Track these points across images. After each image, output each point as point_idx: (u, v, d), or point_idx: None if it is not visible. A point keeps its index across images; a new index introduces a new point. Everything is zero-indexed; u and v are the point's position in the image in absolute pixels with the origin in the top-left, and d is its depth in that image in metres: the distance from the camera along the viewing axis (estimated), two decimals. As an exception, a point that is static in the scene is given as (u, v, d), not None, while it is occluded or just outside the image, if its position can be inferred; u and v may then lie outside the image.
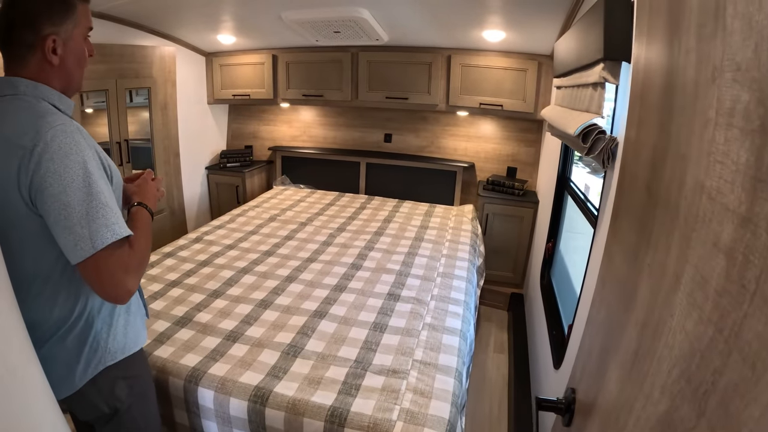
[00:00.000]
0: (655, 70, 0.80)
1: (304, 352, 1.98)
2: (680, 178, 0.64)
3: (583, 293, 1.85)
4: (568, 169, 2.93)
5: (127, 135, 3.44)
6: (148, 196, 1.44)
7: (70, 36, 1.21)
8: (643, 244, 0.76)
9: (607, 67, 1.59)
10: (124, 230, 1.15)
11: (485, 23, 3.08)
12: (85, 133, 1.18)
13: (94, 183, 1.11)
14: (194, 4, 3.12)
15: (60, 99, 1.22)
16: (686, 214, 0.61)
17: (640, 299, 0.75)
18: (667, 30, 0.74)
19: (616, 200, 0.99)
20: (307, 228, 3.48)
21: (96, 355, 1.29)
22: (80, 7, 1.22)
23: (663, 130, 0.73)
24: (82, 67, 1.29)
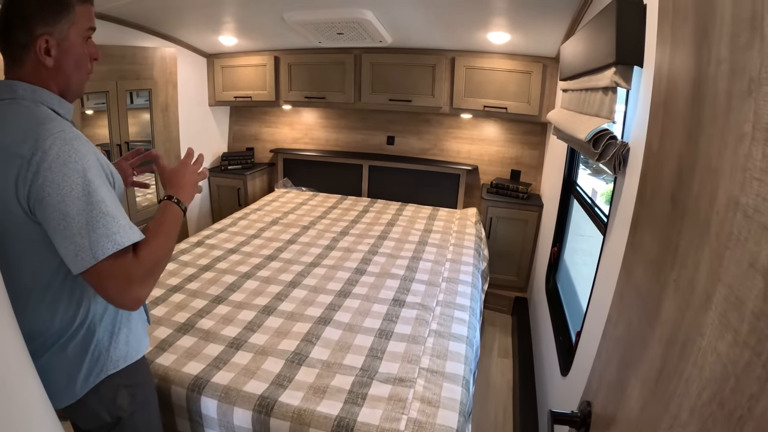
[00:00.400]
0: (680, 79, 0.78)
1: (308, 360, 1.96)
2: (711, 193, 0.62)
3: (592, 300, 1.82)
4: (574, 173, 2.90)
5: (127, 137, 3.41)
6: (184, 186, 1.37)
7: (65, 36, 1.16)
8: (669, 258, 0.74)
9: (619, 72, 1.56)
10: (126, 239, 1.10)
11: (490, 25, 3.06)
12: (85, 140, 1.14)
13: (95, 191, 1.07)
14: (195, 5, 3.09)
15: (60, 103, 1.19)
16: (718, 230, 0.58)
17: (664, 315, 0.73)
18: (694, 38, 0.72)
19: (636, 210, 0.96)
20: (309, 232, 3.45)
21: (98, 364, 1.27)
22: (78, 7, 1.18)
23: (690, 141, 0.70)
24: (82, 69, 1.24)
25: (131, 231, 1.13)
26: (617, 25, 1.52)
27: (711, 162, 0.63)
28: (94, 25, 1.25)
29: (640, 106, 1.50)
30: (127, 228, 1.12)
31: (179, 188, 1.35)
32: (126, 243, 1.10)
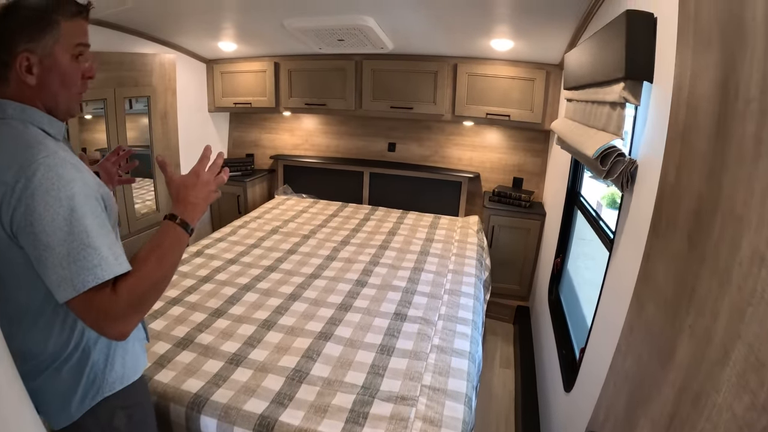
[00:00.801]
0: (701, 110, 0.74)
1: (309, 378, 1.92)
2: (733, 241, 0.59)
3: (597, 317, 1.79)
4: (578, 184, 2.87)
5: (126, 144, 3.38)
6: (194, 203, 1.24)
7: (49, 53, 1.11)
8: (684, 301, 0.71)
9: (628, 87, 1.51)
10: (108, 272, 1.04)
11: (493, 32, 3.03)
12: (73, 164, 1.08)
13: (77, 221, 1.02)
14: (195, 12, 3.06)
15: (50, 123, 1.15)
16: (741, 284, 0.55)
17: (678, 360, 0.70)
18: (720, 69, 0.68)
19: (649, 241, 0.93)
20: (310, 241, 3.42)
21: (93, 387, 1.24)
22: (65, 22, 1.13)
23: (712, 181, 0.67)
24: (70, 88, 1.18)
25: (115, 263, 1.07)
26: (627, 38, 1.47)
27: (735, 208, 0.60)
28: (85, 41, 1.19)
29: (650, 123, 1.46)
30: (110, 260, 1.06)
31: (187, 205, 1.23)
32: (107, 277, 1.04)
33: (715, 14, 0.71)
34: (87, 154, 1.84)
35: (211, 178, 1.28)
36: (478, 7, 2.61)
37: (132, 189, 3.53)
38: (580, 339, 2.24)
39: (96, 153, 3.45)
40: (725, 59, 0.67)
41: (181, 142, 4.03)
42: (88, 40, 1.20)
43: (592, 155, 1.66)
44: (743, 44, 0.62)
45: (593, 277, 1.84)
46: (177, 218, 1.20)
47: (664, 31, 1.36)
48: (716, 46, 0.71)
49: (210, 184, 1.28)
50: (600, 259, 1.99)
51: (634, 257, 1.17)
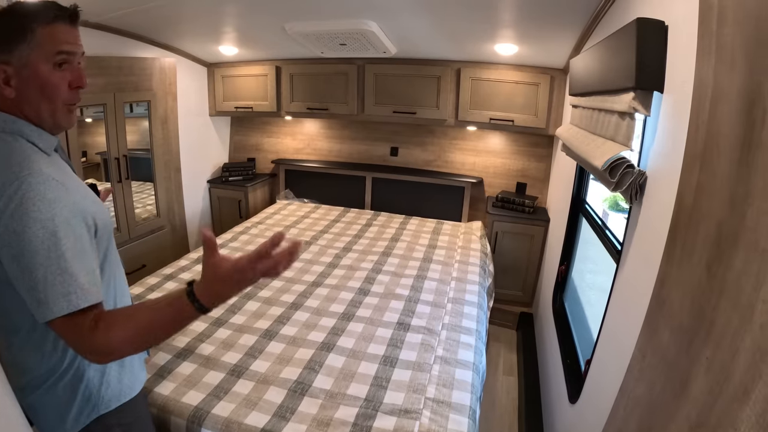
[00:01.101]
0: (722, 134, 0.71)
1: (311, 390, 1.89)
2: (758, 276, 0.56)
3: (603, 330, 1.77)
4: (583, 192, 2.84)
5: (125, 150, 3.36)
6: (224, 293, 1.06)
7: (26, 63, 1.04)
8: (701, 333, 0.68)
9: (638, 97, 1.48)
10: (83, 301, 1.00)
11: (497, 37, 3.00)
12: (58, 183, 1.03)
13: (55, 245, 0.98)
14: (195, 15, 3.04)
15: (39, 136, 1.10)
16: (763, 321, 0.53)
17: (693, 393, 0.67)
18: (745, 90, 0.65)
19: (663, 266, 0.90)
20: (311, 248, 3.39)
21: (89, 404, 1.22)
22: (41, 29, 1.05)
23: (735, 210, 0.64)
24: (53, 99, 1.10)
25: (91, 291, 1.03)
26: (637, 47, 1.44)
27: (759, 241, 0.57)
28: (66, 49, 1.09)
29: (660, 134, 1.43)
30: (86, 287, 1.02)
31: (215, 294, 1.04)
32: (82, 305, 1.00)
33: (740, 32, 0.68)
34: (96, 183, 1.81)
35: (257, 275, 1.03)
36: (482, 13, 2.59)
37: (132, 193, 3.51)
38: (586, 349, 2.21)
39: (97, 157, 3.44)
40: (752, 83, 0.64)
41: (182, 146, 4.01)
42: (74, 46, 1.12)
43: (600, 167, 1.63)
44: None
45: (598, 280, 1.81)
46: (196, 299, 1.03)
47: (675, 40, 1.32)
48: (741, 68, 0.68)
49: (250, 280, 1.04)
50: (605, 265, 1.96)
51: (644, 274, 1.14)
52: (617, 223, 1.77)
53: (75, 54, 1.12)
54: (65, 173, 1.13)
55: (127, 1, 2.61)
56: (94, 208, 1.15)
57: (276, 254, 1.01)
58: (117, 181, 3.32)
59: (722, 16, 0.76)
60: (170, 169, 3.89)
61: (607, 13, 2.20)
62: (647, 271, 1.01)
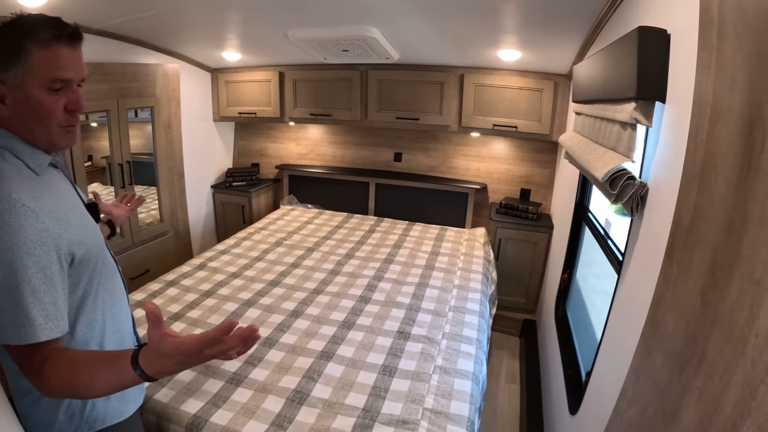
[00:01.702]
0: (720, 155, 0.70)
1: (309, 399, 1.89)
2: (751, 309, 0.54)
3: (604, 341, 1.75)
4: (586, 199, 2.82)
5: (129, 156, 3.37)
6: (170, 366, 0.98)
7: (20, 85, 1.01)
8: (693, 361, 0.67)
9: (640, 108, 1.45)
10: (32, 336, 0.97)
11: (500, 43, 2.99)
12: (33, 206, 1.00)
13: (12, 275, 0.95)
14: (198, 22, 3.05)
15: (31, 156, 1.08)
16: (755, 357, 0.51)
17: (684, 422, 0.66)
18: (745, 111, 0.63)
19: (659, 289, 0.89)
20: (314, 254, 3.39)
21: (71, 424, 1.19)
22: (37, 52, 1.01)
23: (731, 237, 0.63)
24: (46, 123, 1.07)
25: (44, 327, 0.99)
26: (639, 57, 1.41)
27: (754, 271, 0.55)
28: (62, 76, 1.06)
29: (662, 145, 1.41)
30: (38, 323, 0.98)
31: (158, 367, 0.98)
32: (30, 341, 0.97)
33: (741, 47, 0.66)
34: (99, 197, 1.83)
35: (204, 357, 0.98)
36: (485, 18, 2.58)
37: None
38: (587, 360, 2.19)
39: (102, 161, 3.45)
40: (752, 103, 0.63)
41: (185, 151, 4.02)
42: (71, 72, 1.08)
43: (601, 179, 1.61)
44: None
45: (604, 285, 1.79)
46: (141, 373, 0.98)
47: (678, 49, 1.30)
48: (741, 86, 0.66)
49: (197, 361, 0.98)
50: (609, 269, 1.94)
51: (643, 290, 1.12)
52: (624, 228, 1.75)
53: (72, 80, 1.09)
54: (50, 194, 1.09)
55: (129, 8, 2.62)
56: (75, 236, 1.10)
57: (228, 339, 0.96)
58: (120, 186, 3.33)
59: (722, 30, 0.74)
60: (174, 175, 3.90)
61: (610, 20, 2.19)
62: (646, 287, 1.00)
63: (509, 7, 2.41)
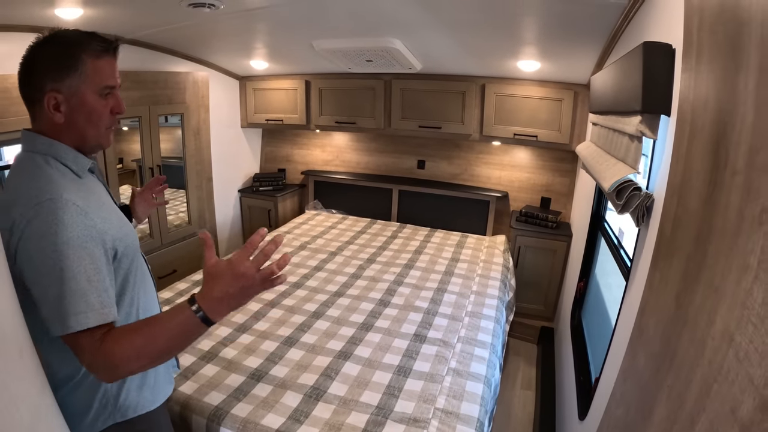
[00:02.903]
0: (695, 171, 0.75)
1: (326, 396, 1.97)
2: (710, 313, 0.60)
3: (611, 349, 1.78)
4: (602, 209, 2.85)
5: (159, 160, 3.51)
6: (219, 297, 1.04)
7: (75, 92, 1.13)
8: (667, 360, 0.72)
9: (645, 121, 1.50)
10: (92, 320, 1.04)
11: (520, 54, 3.04)
12: (81, 204, 1.09)
13: (68, 267, 1.03)
14: (226, 33, 3.17)
15: (75, 160, 1.18)
16: (711, 358, 0.57)
17: (656, 418, 0.72)
18: (714, 136, 0.69)
19: (645, 294, 0.94)
20: (336, 258, 3.48)
21: (105, 411, 1.26)
22: (91, 62, 1.14)
23: (699, 246, 0.69)
24: (98, 125, 1.20)
25: (101, 312, 1.06)
26: (644, 71, 1.45)
27: (714, 279, 0.61)
28: (111, 83, 1.20)
29: (666, 157, 1.45)
30: (96, 307, 1.05)
31: (212, 299, 1.05)
32: (91, 324, 1.04)
33: (713, 69, 0.71)
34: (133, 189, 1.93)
35: (252, 270, 1.04)
36: (504, 31, 2.64)
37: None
38: (598, 367, 2.22)
39: (133, 164, 3.58)
40: (719, 122, 0.68)
41: (213, 156, 4.15)
42: (115, 80, 1.22)
43: (607, 189, 1.66)
44: (734, 111, 0.63)
45: (614, 295, 1.82)
46: (197, 308, 1.04)
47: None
48: (712, 105, 0.72)
49: (248, 277, 1.04)
50: (619, 282, 1.98)
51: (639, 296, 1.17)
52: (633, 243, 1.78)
53: (117, 86, 1.23)
54: (93, 196, 1.19)
55: (161, 20, 2.74)
56: (117, 232, 1.19)
57: (262, 245, 1.08)
58: (151, 189, 3.46)
59: (699, 51, 0.79)
60: (202, 179, 4.03)
61: (624, 33, 2.23)
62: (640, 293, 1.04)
63: (528, 20, 2.47)
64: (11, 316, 0.85)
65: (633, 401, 0.85)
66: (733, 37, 0.63)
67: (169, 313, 1.07)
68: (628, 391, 0.91)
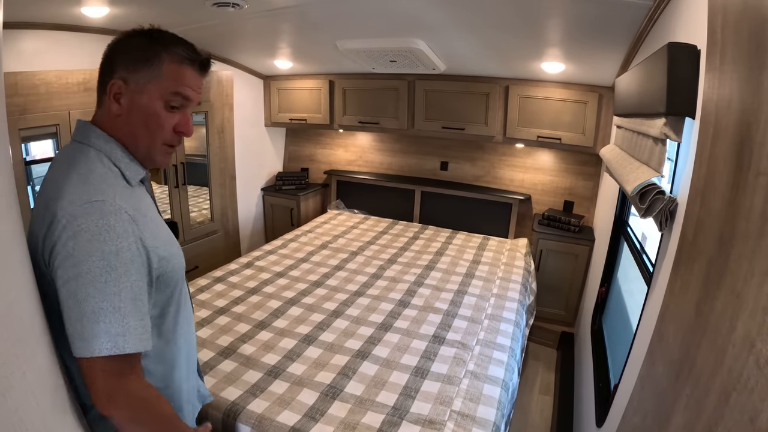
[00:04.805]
0: (719, 172, 0.73)
1: (342, 395, 1.97)
2: (731, 319, 0.58)
3: (631, 356, 1.75)
4: (626, 213, 2.81)
5: (183, 158, 3.56)
6: None
7: (141, 89, 1.03)
8: (685, 369, 0.71)
9: (670, 123, 1.47)
10: (130, 345, 0.94)
11: (544, 55, 3.02)
12: (129, 217, 0.98)
13: (113, 281, 0.92)
14: (250, 32, 3.21)
15: (128, 166, 1.07)
16: (731, 365, 0.56)
17: (674, 427, 0.70)
18: (738, 136, 0.67)
19: (666, 299, 0.92)
20: (357, 258, 3.49)
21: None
22: (168, 64, 1.05)
23: (722, 251, 0.67)
24: (154, 133, 1.08)
25: (140, 338, 0.96)
26: (668, 72, 1.42)
27: (736, 284, 0.59)
28: (184, 92, 1.09)
29: (690, 160, 1.42)
30: (138, 332, 0.96)
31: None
32: (128, 350, 0.93)
33: (736, 70, 0.70)
34: None
35: None
36: (527, 32, 2.63)
37: (189, 197, 3.71)
38: (618, 373, 2.19)
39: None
40: (742, 124, 0.66)
41: (237, 154, 4.19)
42: (193, 93, 1.11)
43: (630, 192, 1.63)
44: (759, 110, 0.61)
45: (636, 300, 1.79)
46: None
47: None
48: (735, 107, 0.70)
49: None
50: (641, 288, 1.95)
51: (660, 302, 1.15)
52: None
53: (191, 100, 1.11)
54: (143, 208, 1.07)
55: (186, 19, 2.77)
56: (164, 252, 1.08)
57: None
58: (174, 187, 3.51)
59: (723, 50, 0.77)
60: (225, 176, 4.07)
61: (649, 34, 2.19)
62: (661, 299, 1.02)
63: (552, 22, 2.45)
64: (31, 308, 0.80)
65: (650, 409, 0.83)
66: (757, 34, 0.61)
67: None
68: (645, 398, 0.90)
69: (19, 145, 2.40)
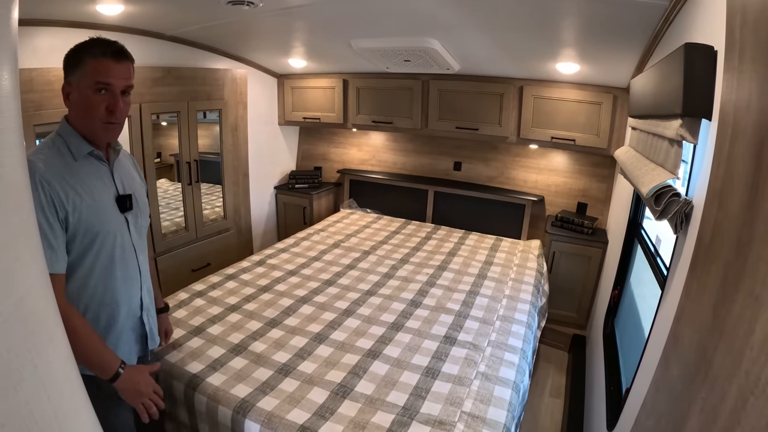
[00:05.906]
0: (737, 174, 0.72)
1: (353, 394, 1.97)
2: (750, 322, 0.58)
3: (644, 359, 1.73)
4: (640, 215, 2.78)
5: (197, 155, 3.58)
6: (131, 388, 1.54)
7: (77, 86, 1.40)
8: (701, 371, 0.70)
9: (686, 125, 1.45)
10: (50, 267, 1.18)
11: (559, 56, 3.00)
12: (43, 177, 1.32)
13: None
14: (265, 31, 3.22)
15: (74, 143, 1.45)
16: (748, 369, 0.55)
17: (688, 431, 0.69)
18: (758, 137, 0.66)
19: (682, 301, 0.91)
20: (370, 257, 3.48)
21: None
22: (91, 61, 1.38)
23: (739, 254, 0.66)
24: (93, 117, 1.43)
25: (49, 261, 1.28)
26: (685, 73, 1.40)
27: (755, 287, 0.59)
28: (103, 80, 1.40)
29: (707, 161, 1.41)
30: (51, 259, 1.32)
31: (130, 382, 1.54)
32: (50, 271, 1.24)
33: (756, 69, 0.69)
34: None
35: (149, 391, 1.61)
36: (541, 33, 2.61)
37: (201, 195, 3.72)
38: (630, 377, 2.17)
39: (171, 158, 3.66)
40: (761, 126, 0.65)
41: (250, 153, 4.22)
42: (112, 79, 1.42)
43: (645, 194, 1.62)
44: None
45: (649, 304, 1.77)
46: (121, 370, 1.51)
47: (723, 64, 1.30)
48: (755, 107, 0.69)
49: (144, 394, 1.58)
50: (654, 292, 1.93)
51: (675, 305, 1.14)
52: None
53: (112, 84, 1.42)
54: (81, 176, 1.45)
55: (201, 17, 2.79)
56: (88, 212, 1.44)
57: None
58: (188, 184, 3.54)
59: (742, 50, 0.76)
60: (238, 174, 4.09)
61: (665, 34, 2.17)
62: (676, 302, 1.01)
63: (567, 22, 2.43)
64: (43, 301, 0.83)
65: (664, 412, 0.82)
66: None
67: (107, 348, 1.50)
68: (659, 401, 0.88)
69: (33, 140, 2.44)
